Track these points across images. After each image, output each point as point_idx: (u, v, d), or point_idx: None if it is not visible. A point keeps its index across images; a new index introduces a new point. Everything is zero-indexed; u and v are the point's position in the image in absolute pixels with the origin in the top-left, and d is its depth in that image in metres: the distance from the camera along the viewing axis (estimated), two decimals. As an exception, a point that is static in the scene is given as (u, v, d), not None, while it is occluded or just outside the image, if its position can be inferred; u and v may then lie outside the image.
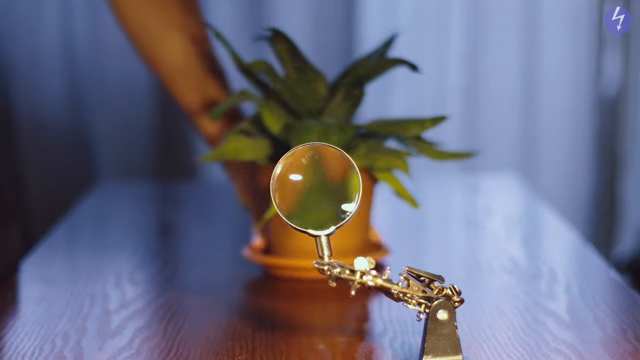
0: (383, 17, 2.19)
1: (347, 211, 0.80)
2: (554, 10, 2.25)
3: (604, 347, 0.86)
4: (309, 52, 1.17)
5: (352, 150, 1.04)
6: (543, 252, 1.24)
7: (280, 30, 1.04)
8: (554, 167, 2.31)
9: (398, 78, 2.22)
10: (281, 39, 1.04)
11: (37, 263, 1.18)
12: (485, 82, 2.28)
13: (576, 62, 2.28)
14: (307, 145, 0.81)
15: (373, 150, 1.06)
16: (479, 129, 2.29)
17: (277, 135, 1.05)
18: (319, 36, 2.21)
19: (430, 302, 0.80)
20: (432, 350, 0.80)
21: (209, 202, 1.57)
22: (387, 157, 1.06)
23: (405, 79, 2.18)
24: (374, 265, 0.80)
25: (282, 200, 0.80)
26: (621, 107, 2.30)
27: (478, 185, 1.72)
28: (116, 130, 2.23)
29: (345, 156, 0.80)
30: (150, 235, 1.40)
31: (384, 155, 1.06)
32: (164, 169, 2.27)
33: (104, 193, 1.66)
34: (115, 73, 2.21)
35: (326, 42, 2.21)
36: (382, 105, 2.24)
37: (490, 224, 1.41)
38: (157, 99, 2.23)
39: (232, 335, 0.90)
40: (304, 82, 1.05)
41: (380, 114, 2.13)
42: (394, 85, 2.24)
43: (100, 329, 0.92)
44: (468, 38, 2.26)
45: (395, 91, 2.26)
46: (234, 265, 1.23)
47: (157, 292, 1.07)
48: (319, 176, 0.81)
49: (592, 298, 1.00)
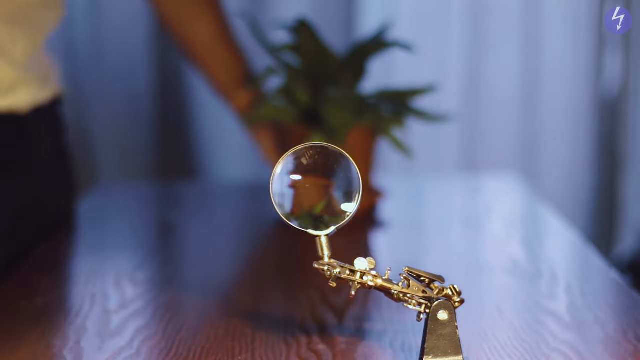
0: (383, 16, 2.19)
1: (347, 211, 0.80)
2: (555, 11, 2.25)
3: (605, 347, 0.86)
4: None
5: (362, 115, 1.32)
6: (543, 252, 1.24)
7: (305, 21, 1.34)
8: (554, 167, 2.31)
9: (398, 78, 2.21)
10: (305, 28, 1.34)
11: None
12: (486, 82, 2.28)
13: (576, 62, 2.27)
14: (307, 145, 0.81)
15: (377, 113, 1.34)
16: (479, 129, 2.29)
17: (304, 103, 1.32)
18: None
19: (431, 302, 0.80)
20: (432, 351, 0.80)
21: (209, 202, 1.57)
22: (387, 119, 1.35)
23: (405, 79, 2.18)
24: (374, 265, 0.80)
25: (282, 200, 0.80)
26: (621, 107, 2.30)
27: (478, 185, 1.72)
28: (116, 130, 2.23)
29: (345, 156, 0.80)
30: (150, 235, 1.40)
31: (385, 118, 1.35)
32: (164, 169, 2.27)
33: (104, 193, 1.66)
34: (116, 73, 2.21)
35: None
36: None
37: (490, 224, 1.41)
38: (157, 99, 2.23)
39: (232, 335, 0.90)
40: (322, 60, 1.34)
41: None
42: (394, 85, 2.24)
43: (100, 329, 0.92)
44: (468, 38, 2.26)
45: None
46: (234, 265, 1.23)
47: (157, 292, 1.07)
48: (319, 176, 0.81)
49: (593, 298, 1.00)
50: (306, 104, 1.33)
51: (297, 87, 1.33)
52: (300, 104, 1.33)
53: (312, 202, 0.81)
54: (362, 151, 1.35)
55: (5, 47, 1.24)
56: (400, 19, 2.22)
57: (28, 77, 1.28)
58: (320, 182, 0.81)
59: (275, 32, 1.73)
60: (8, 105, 1.25)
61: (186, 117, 2.25)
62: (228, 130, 2.23)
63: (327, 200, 0.81)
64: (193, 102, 2.24)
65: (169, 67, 2.22)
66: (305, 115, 1.33)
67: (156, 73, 2.22)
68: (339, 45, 1.96)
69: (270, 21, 2.07)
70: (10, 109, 1.25)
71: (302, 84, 1.33)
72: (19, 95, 1.26)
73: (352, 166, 0.80)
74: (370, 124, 1.34)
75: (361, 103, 1.34)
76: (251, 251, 1.30)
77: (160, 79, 2.23)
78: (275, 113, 1.34)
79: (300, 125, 1.33)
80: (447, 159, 2.29)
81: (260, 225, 1.44)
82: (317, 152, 0.80)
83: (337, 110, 1.29)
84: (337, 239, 0.83)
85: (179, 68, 2.22)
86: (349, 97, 1.32)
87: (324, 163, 0.80)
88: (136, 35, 2.20)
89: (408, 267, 0.81)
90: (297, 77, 1.34)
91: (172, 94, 2.23)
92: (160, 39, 2.21)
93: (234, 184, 1.87)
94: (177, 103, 2.24)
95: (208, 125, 2.25)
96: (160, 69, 2.22)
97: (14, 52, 1.25)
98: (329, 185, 0.81)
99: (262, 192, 1.57)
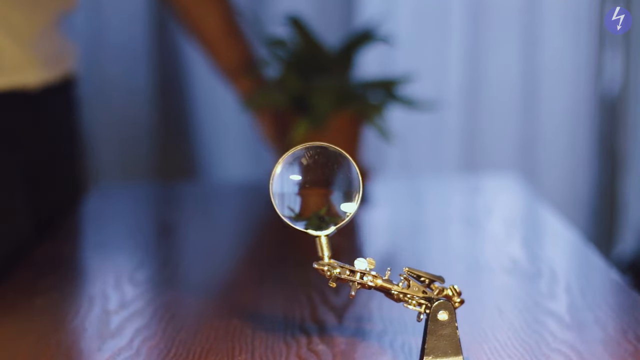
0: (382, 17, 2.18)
1: (347, 211, 0.80)
2: (554, 10, 2.25)
3: (605, 347, 0.86)
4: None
5: (347, 102, 1.46)
6: (543, 252, 1.24)
7: (297, 18, 1.51)
8: (554, 167, 2.31)
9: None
10: (297, 24, 1.51)
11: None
12: (486, 81, 2.28)
13: (576, 62, 2.27)
14: (306, 145, 0.80)
15: (363, 101, 1.49)
16: (479, 128, 2.29)
17: (294, 91, 1.46)
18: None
19: (431, 302, 0.80)
20: (432, 351, 0.80)
21: (209, 202, 1.57)
22: (370, 107, 1.48)
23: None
24: (374, 266, 0.80)
25: (282, 200, 0.80)
26: (621, 107, 2.30)
27: (478, 185, 1.72)
28: (116, 131, 2.23)
29: (345, 156, 0.80)
30: (150, 235, 1.40)
31: (369, 106, 1.48)
32: (164, 169, 2.26)
33: (104, 193, 1.66)
34: (115, 74, 2.21)
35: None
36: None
37: (490, 224, 1.41)
38: (157, 99, 2.23)
39: (232, 335, 0.90)
40: (311, 52, 1.50)
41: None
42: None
43: (99, 329, 0.92)
44: (468, 38, 2.26)
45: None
46: (234, 265, 1.23)
47: (157, 293, 1.07)
48: (319, 176, 0.81)
49: (593, 298, 1.00)
50: (296, 92, 1.46)
51: (288, 77, 1.48)
52: (291, 92, 1.47)
53: (312, 202, 0.81)
54: (345, 136, 1.49)
55: (13, 26, 1.25)
56: (400, 19, 2.22)
57: (37, 56, 1.29)
58: (320, 182, 0.81)
59: (274, 26, 1.81)
60: (16, 83, 1.26)
61: (186, 117, 2.25)
62: (228, 130, 2.23)
63: (326, 199, 0.81)
64: (193, 102, 2.24)
65: (169, 67, 2.22)
66: (295, 102, 1.46)
67: (156, 73, 2.22)
68: (339, 40, 1.96)
69: (271, 16, 2.08)
70: (18, 87, 1.27)
71: (293, 74, 1.48)
72: (27, 74, 1.28)
73: (352, 166, 0.80)
74: (355, 111, 1.48)
75: (345, 91, 1.48)
76: (251, 251, 1.30)
77: (160, 79, 2.23)
78: (269, 100, 1.50)
79: (290, 110, 1.47)
80: (447, 159, 2.29)
81: (260, 226, 1.44)
82: (317, 152, 0.80)
83: (321, 98, 1.43)
84: (337, 239, 0.83)
85: (179, 68, 2.22)
86: (332, 86, 1.46)
87: (324, 163, 0.80)
88: (136, 35, 2.20)
89: (408, 267, 0.81)
90: (289, 68, 1.50)
91: (172, 94, 2.23)
92: (160, 39, 2.20)
93: (234, 184, 1.87)
94: (177, 103, 2.24)
95: (208, 125, 2.24)
96: (160, 69, 2.22)
97: (21, 31, 1.26)
98: (329, 186, 0.81)
99: (262, 192, 1.57)
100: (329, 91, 1.45)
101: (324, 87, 1.46)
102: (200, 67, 2.17)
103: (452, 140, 2.28)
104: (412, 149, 2.26)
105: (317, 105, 1.43)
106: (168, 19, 2.17)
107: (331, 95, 1.45)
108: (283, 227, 1.06)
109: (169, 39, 2.20)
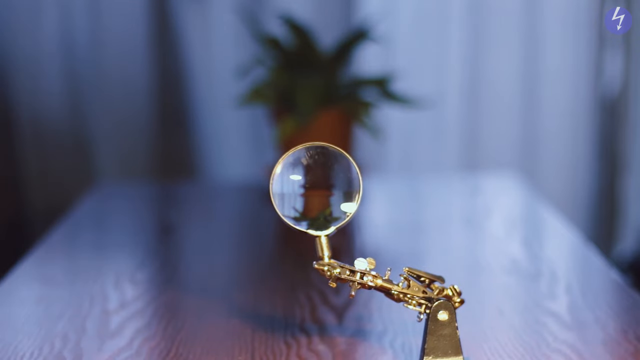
0: (380, 16, 2.18)
1: (347, 211, 0.80)
2: (554, 11, 2.25)
3: (605, 347, 0.86)
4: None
5: (334, 100, 1.50)
6: (543, 252, 1.24)
7: (292, 19, 1.54)
8: (554, 167, 2.31)
9: (398, 78, 2.21)
10: (290, 24, 1.53)
11: (37, 263, 1.18)
12: (486, 82, 2.28)
13: (576, 63, 2.27)
14: (306, 145, 0.80)
15: (353, 99, 1.52)
16: (479, 128, 2.29)
17: (283, 89, 1.48)
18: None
19: (431, 302, 0.80)
20: (432, 351, 0.80)
21: (209, 202, 1.57)
22: (358, 105, 1.51)
23: (405, 79, 2.18)
24: (374, 266, 0.80)
25: (282, 200, 0.80)
26: (621, 108, 2.30)
27: (478, 185, 1.72)
28: (116, 130, 2.23)
29: (345, 156, 0.80)
30: (150, 235, 1.40)
31: (357, 104, 1.51)
32: (164, 169, 2.26)
33: (104, 193, 1.66)
34: (115, 73, 2.21)
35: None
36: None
37: (490, 224, 1.41)
38: (157, 99, 2.23)
39: (232, 335, 0.90)
40: (303, 51, 1.53)
41: (380, 113, 2.13)
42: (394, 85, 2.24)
43: (99, 329, 0.92)
44: (468, 38, 2.26)
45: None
46: (233, 266, 1.23)
47: (157, 292, 1.07)
48: (319, 176, 0.81)
49: (593, 298, 1.00)
50: (285, 89, 1.50)
51: (278, 75, 1.51)
52: (279, 90, 1.50)
53: (312, 202, 0.81)
54: (334, 134, 1.50)
55: None
56: (401, 18, 2.22)
57: None
58: (320, 182, 0.81)
59: (274, 26, 1.85)
60: None
61: (186, 117, 2.25)
62: (228, 130, 2.23)
63: (326, 200, 0.81)
64: (193, 102, 2.24)
65: (169, 67, 2.22)
66: (283, 99, 1.50)
67: (156, 73, 2.22)
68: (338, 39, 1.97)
69: (269, 15, 2.08)
70: None
71: (284, 72, 1.51)
72: None
73: (352, 166, 0.80)
74: (344, 109, 1.50)
75: (332, 89, 1.51)
76: (251, 251, 1.30)
77: (160, 79, 2.23)
78: (258, 97, 1.52)
79: (278, 107, 1.51)
80: (447, 159, 2.28)
81: (260, 225, 1.44)
82: (317, 152, 0.80)
83: (306, 95, 1.45)
84: (337, 239, 0.83)
85: (179, 68, 2.22)
86: (317, 84, 1.49)
87: (324, 163, 0.80)
88: (136, 35, 2.20)
89: (408, 267, 0.81)
90: (280, 67, 1.53)
91: (172, 94, 2.23)
92: (160, 39, 2.20)
93: (234, 184, 1.87)
94: (177, 103, 2.24)
95: (208, 125, 2.24)
96: (160, 69, 2.22)
97: None
98: (329, 186, 0.81)
99: (262, 192, 1.57)
100: (313, 89, 1.47)
101: (309, 85, 1.47)
102: (200, 67, 2.17)
103: (453, 140, 2.28)
104: (412, 148, 2.26)
105: (302, 103, 1.44)
106: (168, 18, 2.17)
107: (316, 92, 1.47)
108: (283, 227, 1.06)
109: (169, 39, 2.20)
